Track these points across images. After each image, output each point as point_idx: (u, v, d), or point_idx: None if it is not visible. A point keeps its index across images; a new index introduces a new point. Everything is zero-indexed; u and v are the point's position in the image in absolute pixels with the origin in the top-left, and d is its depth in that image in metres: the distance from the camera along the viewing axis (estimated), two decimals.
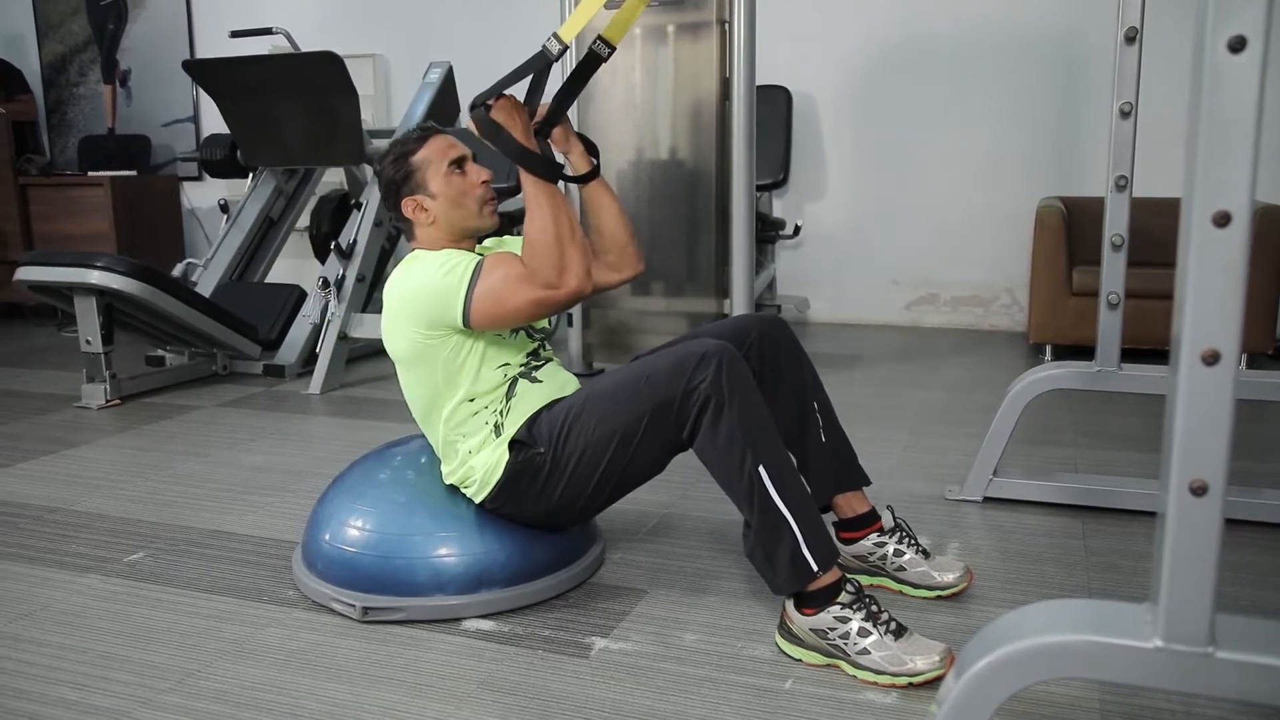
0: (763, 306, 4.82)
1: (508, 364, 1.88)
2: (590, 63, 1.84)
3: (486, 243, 2.02)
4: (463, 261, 1.78)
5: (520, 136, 1.74)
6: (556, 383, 1.93)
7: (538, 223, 1.72)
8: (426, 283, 1.78)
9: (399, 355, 1.88)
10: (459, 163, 1.89)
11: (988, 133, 4.86)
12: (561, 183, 1.79)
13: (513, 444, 1.83)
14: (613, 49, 1.82)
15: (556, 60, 1.72)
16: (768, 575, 1.69)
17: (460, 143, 1.93)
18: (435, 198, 1.87)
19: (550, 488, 1.82)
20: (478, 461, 1.85)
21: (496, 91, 1.74)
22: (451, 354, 1.82)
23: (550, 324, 2.06)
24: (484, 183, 1.90)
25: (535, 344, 1.95)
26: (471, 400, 1.85)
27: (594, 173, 1.95)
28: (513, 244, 2.00)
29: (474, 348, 1.83)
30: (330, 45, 4.36)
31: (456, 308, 1.75)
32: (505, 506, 1.87)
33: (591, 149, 1.96)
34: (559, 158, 1.96)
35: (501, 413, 1.85)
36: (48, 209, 5.62)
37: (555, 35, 1.69)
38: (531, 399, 1.87)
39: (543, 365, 1.94)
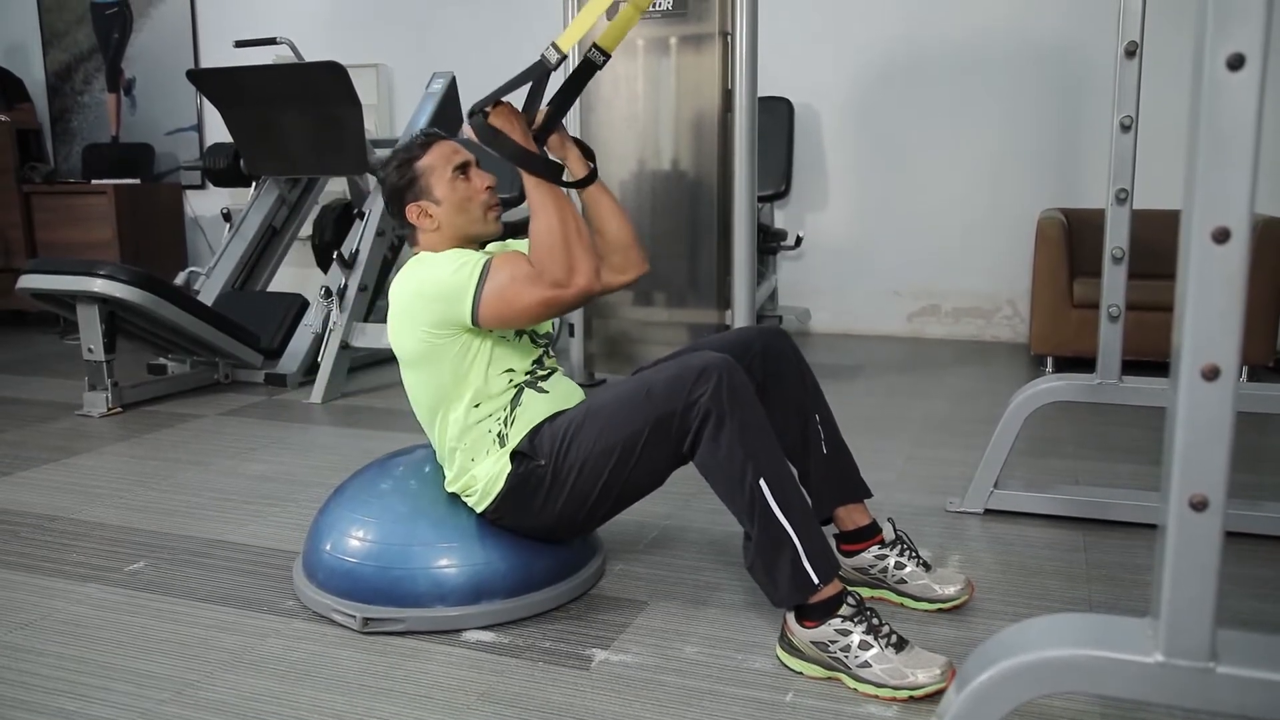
0: (764, 317, 4.83)
1: (513, 370, 1.88)
2: (585, 70, 1.85)
3: (490, 248, 2.03)
4: (471, 260, 1.78)
5: (519, 140, 1.75)
6: (561, 393, 1.93)
7: (543, 224, 1.72)
8: (436, 280, 1.78)
9: (406, 355, 1.87)
10: (463, 168, 1.90)
11: (989, 145, 4.87)
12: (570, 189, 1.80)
13: (514, 455, 1.83)
14: (608, 57, 1.83)
15: (555, 69, 1.73)
16: (768, 588, 1.69)
17: (464, 149, 1.94)
18: (440, 203, 1.88)
19: (551, 500, 1.82)
20: (480, 471, 1.85)
21: (494, 99, 1.75)
22: (459, 354, 1.82)
23: (554, 327, 2.07)
24: (488, 188, 1.91)
25: (540, 350, 1.95)
26: (478, 406, 1.84)
27: (592, 176, 1.95)
28: (518, 246, 2.00)
29: (481, 348, 1.83)
30: (334, 55, 4.36)
31: (466, 305, 1.75)
32: (506, 517, 1.87)
33: (588, 153, 1.96)
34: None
35: (506, 421, 1.85)
36: (51, 217, 5.64)
37: (554, 44, 1.71)
38: (536, 409, 1.87)
39: (548, 375, 1.94)
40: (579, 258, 1.72)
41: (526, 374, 1.90)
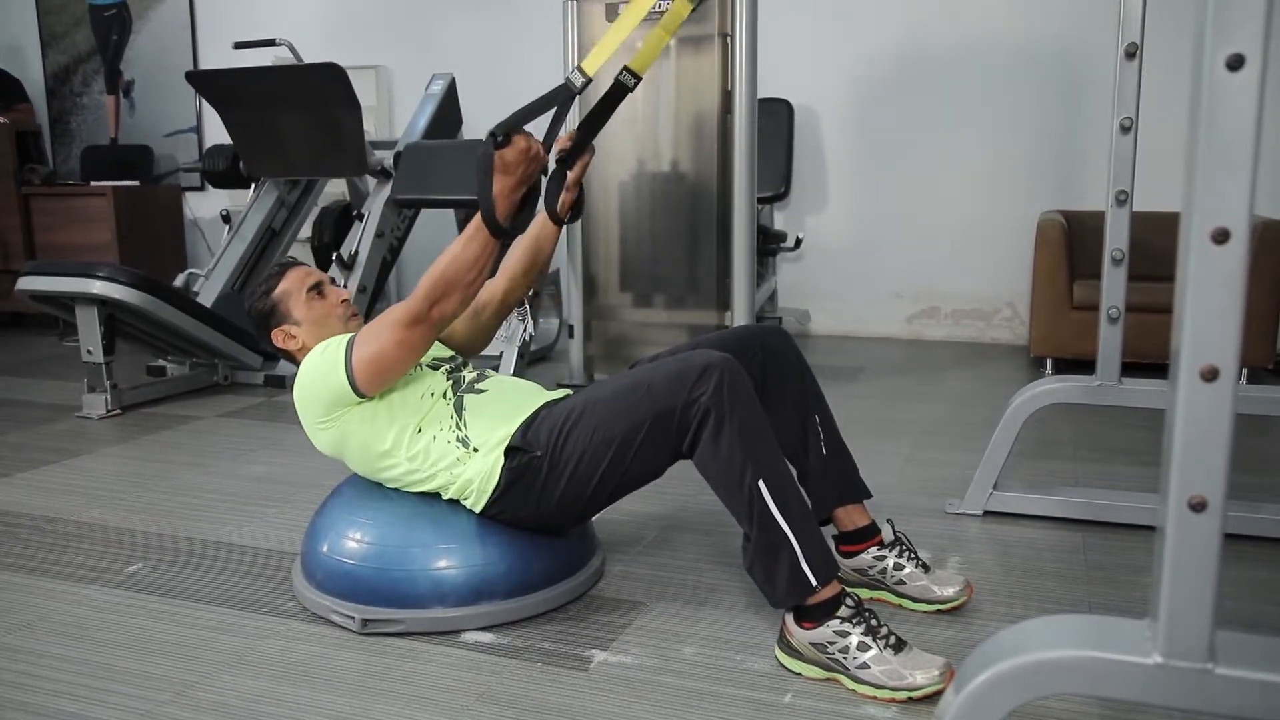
0: (764, 319, 4.83)
1: (430, 389, 1.92)
2: (616, 93, 1.86)
3: None
4: (335, 341, 1.87)
5: (507, 189, 1.72)
6: (505, 386, 1.97)
7: (452, 258, 1.74)
8: (311, 372, 1.87)
9: (328, 447, 1.95)
10: (317, 288, 2.02)
11: (989, 146, 4.87)
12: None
13: (509, 449, 1.83)
14: (639, 79, 1.85)
15: (580, 93, 1.73)
16: (767, 589, 1.69)
17: (315, 269, 2.05)
18: (300, 324, 1.99)
19: (548, 491, 1.82)
20: (470, 473, 1.85)
21: (515, 125, 1.69)
22: (363, 420, 1.88)
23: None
24: (343, 301, 2.03)
25: (445, 368, 1.99)
26: (419, 431, 1.88)
27: (562, 223, 2.05)
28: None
29: (381, 405, 1.88)
30: (333, 57, 4.37)
31: (342, 378, 1.81)
32: (505, 511, 1.87)
33: (579, 209, 2.04)
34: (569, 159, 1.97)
35: (458, 427, 1.88)
36: (50, 219, 5.64)
37: (579, 68, 1.70)
38: (485, 407, 1.90)
39: (479, 379, 1.98)
40: (451, 302, 1.75)
41: (449, 385, 1.94)
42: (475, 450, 1.85)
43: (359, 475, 2.06)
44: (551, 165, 1.90)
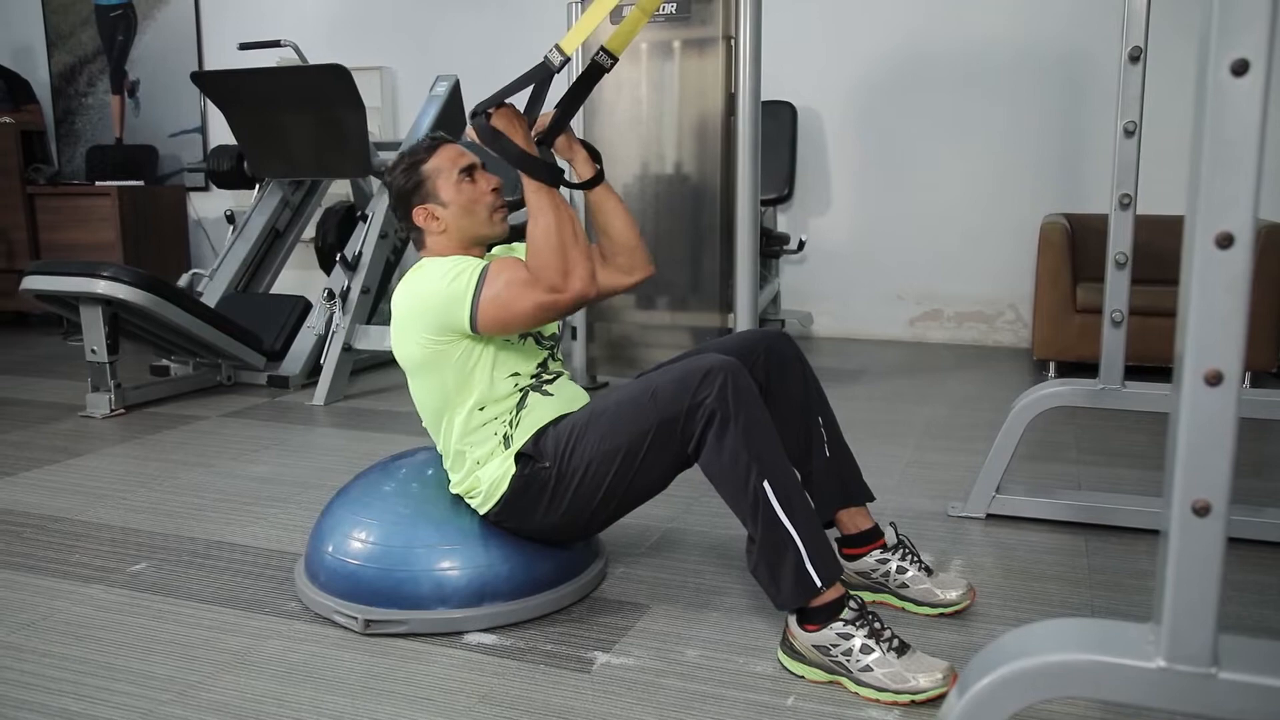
0: (766, 321, 4.83)
1: (518, 373, 1.88)
2: (593, 73, 1.85)
3: (495, 250, 2.03)
4: (469, 267, 1.79)
5: (521, 143, 1.74)
6: (567, 396, 1.94)
7: (540, 227, 1.73)
8: (433, 289, 1.80)
9: (409, 361, 1.88)
10: (469, 171, 1.92)
11: (992, 149, 4.87)
12: (567, 191, 1.79)
13: (519, 457, 1.83)
14: (615, 60, 1.84)
15: (558, 71, 1.73)
16: (771, 591, 1.69)
17: (470, 152, 1.95)
18: (446, 205, 1.90)
19: (555, 503, 1.82)
20: (484, 473, 1.86)
21: (496, 101, 1.74)
22: (462, 359, 1.83)
23: (559, 329, 2.07)
24: (494, 190, 1.93)
25: (545, 353, 1.96)
26: (483, 409, 1.85)
27: (598, 178, 1.96)
28: (521, 250, 2.01)
29: (484, 353, 1.84)
30: (338, 58, 4.38)
31: (464, 312, 1.76)
32: (509, 520, 1.87)
33: (594, 154, 1.97)
34: (562, 165, 1.97)
35: (511, 424, 1.86)
36: (55, 218, 5.65)
37: (557, 47, 1.71)
38: (541, 412, 1.88)
39: (554, 379, 1.94)
40: (575, 262, 1.72)
41: (532, 377, 1.90)
42: (506, 450, 1.86)
43: (364, 475, 2.06)
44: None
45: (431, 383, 1.87)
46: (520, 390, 1.88)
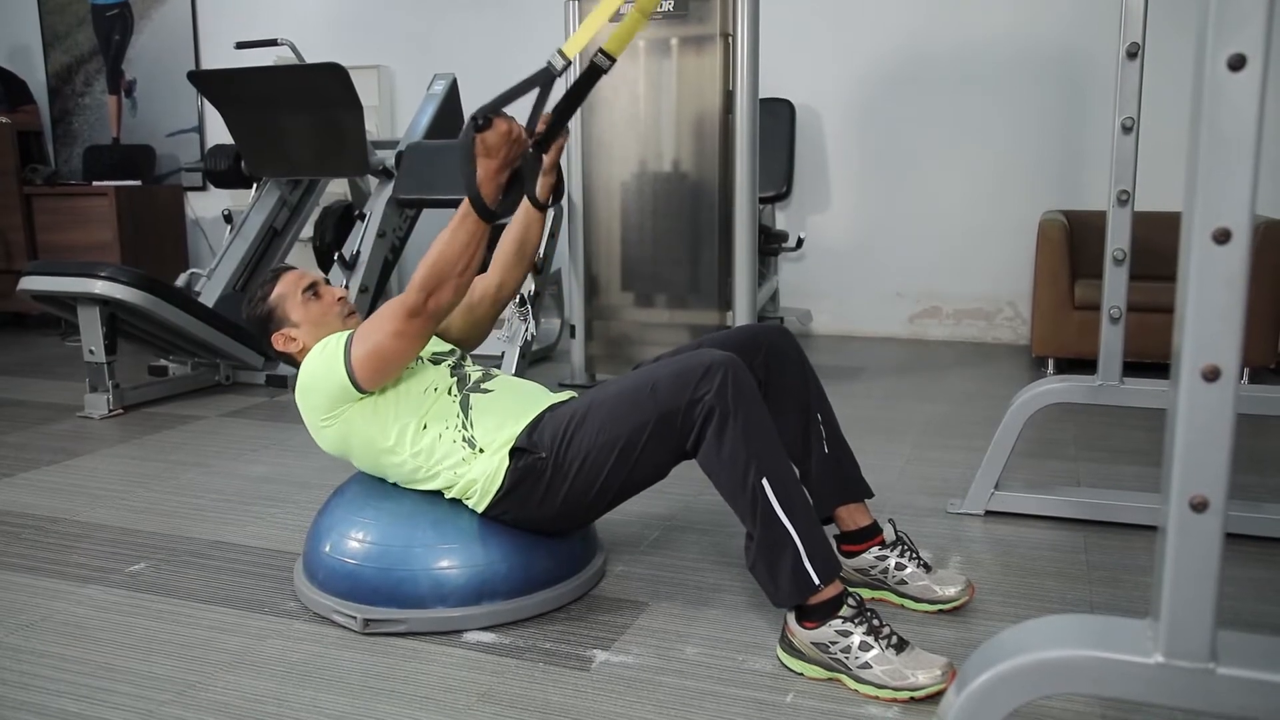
0: (765, 319, 4.83)
1: (432, 382, 1.93)
2: (591, 75, 1.85)
3: None
4: (333, 339, 1.88)
5: (490, 172, 1.72)
6: (509, 386, 1.97)
7: (443, 247, 1.75)
8: (311, 371, 1.89)
9: (331, 445, 1.96)
10: (311, 288, 2.04)
11: (991, 146, 4.87)
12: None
13: (513, 450, 1.84)
14: (613, 61, 1.84)
15: (560, 75, 1.72)
16: (769, 588, 1.69)
17: (308, 271, 2.07)
18: (299, 325, 2.01)
19: (553, 492, 1.82)
20: (475, 473, 1.86)
21: (497, 107, 1.72)
22: (367, 416, 1.88)
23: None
24: (340, 299, 2.04)
25: (447, 363, 2.00)
26: (425, 428, 1.88)
27: (544, 207, 2.04)
28: None
29: (382, 400, 1.89)
30: (335, 57, 4.37)
31: (342, 376, 1.83)
32: (508, 512, 1.87)
33: (559, 190, 2.04)
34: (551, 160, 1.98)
35: (464, 426, 1.88)
36: (52, 219, 5.64)
37: (559, 51, 1.70)
38: (491, 407, 1.90)
39: (487, 378, 1.98)
40: (446, 291, 1.76)
41: (454, 379, 1.95)
42: (481, 451, 1.86)
43: (362, 474, 2.06)
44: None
45: (358, 450, 1.94)
46: (454, 396, 1.91)
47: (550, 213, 2.12)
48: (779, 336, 1.97)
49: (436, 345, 2.06)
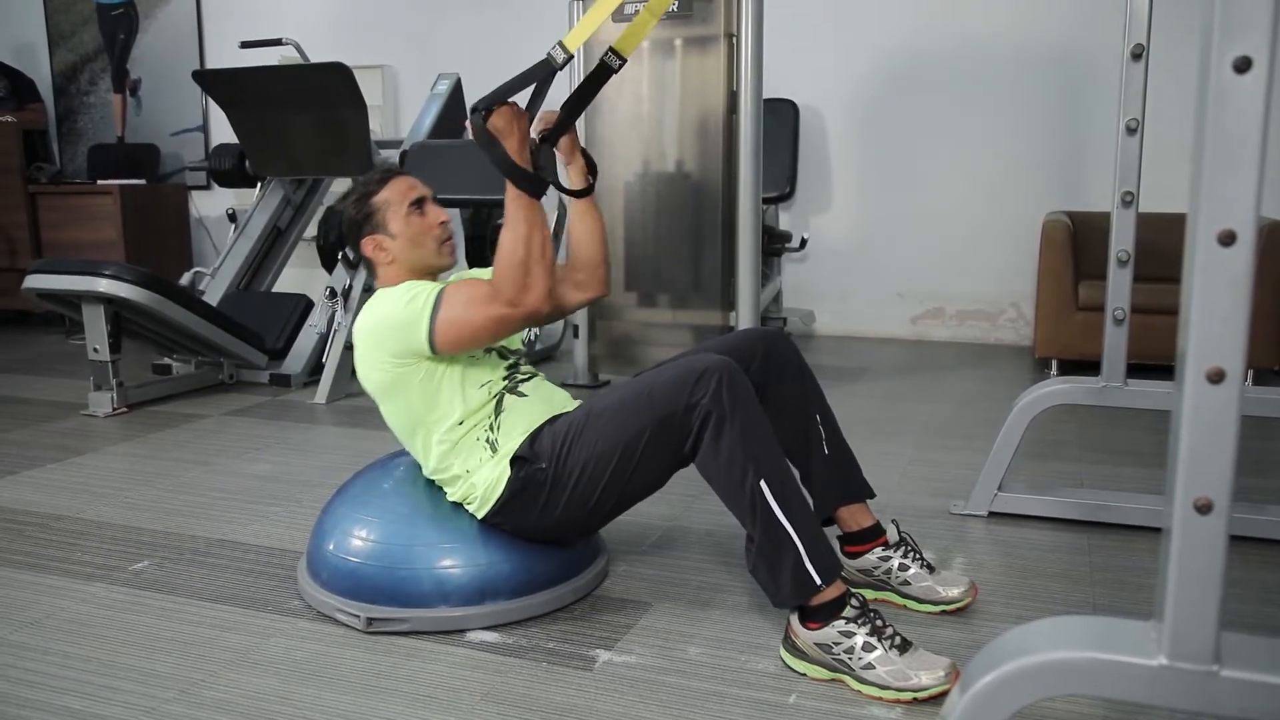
0: (768, 319, 4.83)
1: (489, 381, 1.90)
2: (601, 73, 1.85)
3: (452, 277, 2.04)
4: (424, 290, 1.82)
5: (514, 149, 1.73)
6: (543, 394, 1.95)
7: (510, 237, 1.73)
8: (390, 314, 1.83)
9: (376, 388, 1.90)
10: (419, 203, 1.95)
11: (994, 147, 4.87)
12: (561, 195, 1.79)
13: (514, 460, 1.84)
14: (624, 61, 1.84)
15: (560, 69, 1.73)
16: (771, 590, 1.69)
17: (420, 184, 1.98)
18: (395, 237, 1.93)
19: (553, 503, 1.82)
20: (478, 479, 1.86)
21: (499, 98, 1.73)
22: (425, 380, 1.85)
23: (525, 343, 2.08)
24: (441, 223, 1.96)
25: (509, 361, 1.98)
26: (461, 423, 1.86)
27: (588, 190, 1.98)
28: (475, 275, 2.02)
29: (448, 372, 1.85)
30: (339, 56, 4.37)
31: (421, 334, 1.78)
32: (508, 521, 1.87)
33: (592, 167, 1.99)
34: (561, 167, 1.97)
35: (493, 428, 1.87)
36: (57, 217, 5.65)
37: (561, 44, 1.70)
38: (521, 412, 1.89)
39: (528, 379, 1.96)
40: (536, 278, 1.73)
41: (504, 379, 1.92)
42: (495, 454, 1.86)
43: (366, 472, 2.06)
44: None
45: (399, 405, 1.89)
46: (494, 396, 1.89)
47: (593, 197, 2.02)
48: (776, 340, 1.97)
49: (510, 340, 2.01)
